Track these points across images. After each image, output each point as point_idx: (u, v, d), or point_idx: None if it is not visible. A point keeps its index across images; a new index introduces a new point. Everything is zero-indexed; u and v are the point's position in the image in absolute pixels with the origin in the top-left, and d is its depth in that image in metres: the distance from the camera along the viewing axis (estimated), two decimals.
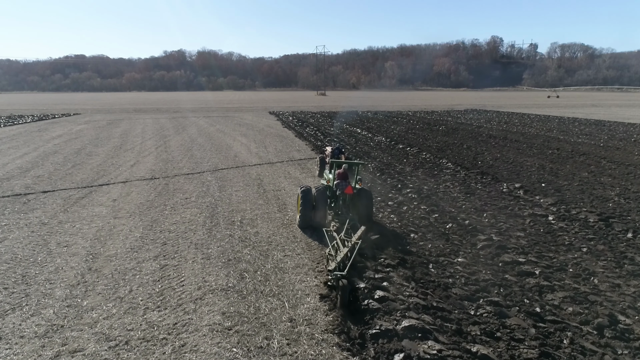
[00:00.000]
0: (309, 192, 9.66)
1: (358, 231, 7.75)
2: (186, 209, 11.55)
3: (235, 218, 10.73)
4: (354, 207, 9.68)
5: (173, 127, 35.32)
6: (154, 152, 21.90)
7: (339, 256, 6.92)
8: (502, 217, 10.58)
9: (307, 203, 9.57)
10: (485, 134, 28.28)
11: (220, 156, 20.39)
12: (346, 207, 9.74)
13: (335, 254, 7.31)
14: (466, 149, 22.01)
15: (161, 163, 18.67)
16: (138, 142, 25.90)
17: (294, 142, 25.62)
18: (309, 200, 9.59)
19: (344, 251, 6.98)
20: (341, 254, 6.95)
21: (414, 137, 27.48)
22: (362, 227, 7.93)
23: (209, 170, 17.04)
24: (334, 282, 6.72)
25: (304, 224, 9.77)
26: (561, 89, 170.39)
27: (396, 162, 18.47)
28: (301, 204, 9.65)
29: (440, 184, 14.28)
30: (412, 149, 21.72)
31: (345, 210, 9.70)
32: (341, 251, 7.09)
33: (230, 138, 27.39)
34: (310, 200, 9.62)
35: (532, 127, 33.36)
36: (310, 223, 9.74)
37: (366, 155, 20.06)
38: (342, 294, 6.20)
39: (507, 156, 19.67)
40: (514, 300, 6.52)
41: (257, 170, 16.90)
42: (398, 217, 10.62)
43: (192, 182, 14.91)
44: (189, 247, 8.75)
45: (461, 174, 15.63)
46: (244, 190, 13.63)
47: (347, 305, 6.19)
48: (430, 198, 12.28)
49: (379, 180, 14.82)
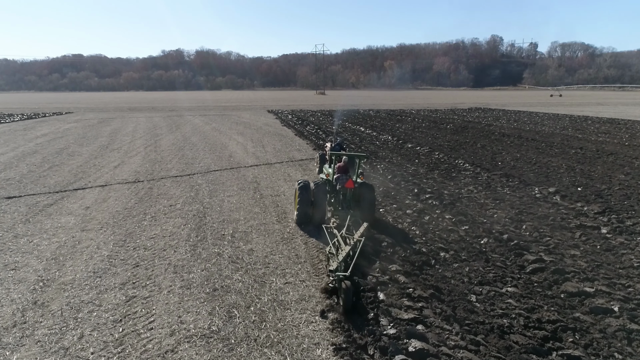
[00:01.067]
0: (307, 187, 9.07)
1: (360, 228, 7.52)
2: (169, 219, 9.80)
3: (226, 230, 8.98)
4: (356, 202, 9.19)
5: (167, 125, 33.55)
6: (142, 152, 20.14)
7: (341, 255, 6.41)
8: (545, 230, 8.84)
9: (305, 198, 9.01)
10: (497, 133, 26.56)
11: (213, 156, 18.64)
12: (347, 203, 9.24)
13: (336, 253, 6.68)
14: (481, 149, 20.29)
15: (148, 164, 16.92)
16: (127, 141, 24.13)
17: (294, 141, 23.88)
18: (307, 195, 9.02)
19: (345, 249, 6.55)
20: (343, 252, 6.48)
21: (422, 135, 25.75)
22: (365, 224, 7.76)
23: (200, 172, 15.29)
24: (335, 284, 6.10)
25: (302, 221, 9.21)
26: (564, 88, 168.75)
27: (407, 162, 16.73)
28: (299, 199, 9.07)
29: (462, 187, 12.55)
30: (423, 149, 19.99)
31: (346, 205, 9.20)
32: (343, 249, 6.62)
33: (226, 137, 25.63)
34: (309, 195, 9.04)
35: (544, 126, 31.65)
36: (308, 219, 9.16)
37: (374, 156, 18.31)
38: (345, 296, 5.61)
39: (528, 156, 17.95)
40: (599, 354, 4.79)
41: (253, 172, 15.16)
42: (421, 229, 8.88)
43: (179, 185, 13.17)
44: (166, 271, 7.01)
45: (483, 177, 13.90)
46: (238, 196, 11.88)
47: (350, 309, 5.62)
48: (454, 205, 10.55)
49: (392, 184, 13.08)
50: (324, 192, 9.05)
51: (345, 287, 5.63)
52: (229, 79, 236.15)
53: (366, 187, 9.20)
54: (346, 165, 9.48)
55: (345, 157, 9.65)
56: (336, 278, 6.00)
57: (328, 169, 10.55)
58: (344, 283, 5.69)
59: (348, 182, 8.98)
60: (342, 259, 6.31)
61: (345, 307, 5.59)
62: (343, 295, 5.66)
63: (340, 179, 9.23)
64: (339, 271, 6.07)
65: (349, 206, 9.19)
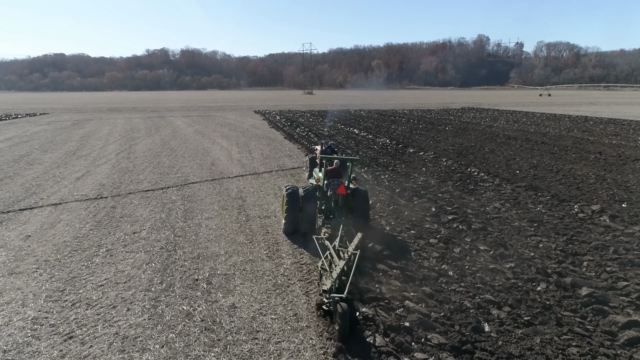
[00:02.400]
0: (296, 193, 8.33)
1: (355, 239, 7.10)
2: (129, 254, 7.65)
3: (201, 272, 6.87)
4: (348, 209, 8.60)
5: (145, 127, 31.15)
6: (112, 159, 17.84)
7: (335, 272, 5.71)
8: (614, 268, 6.88)
9: (294, 205, 8.29)
10: (501, 135, 24.76)
11: (193, 164, 16.44)
12: (339, 210, 8.58)
13: (329, 268, 5.98)
14: (490, 153, 18.43)
15: (117, 174, 14.67)
16: (98, 146, 21.77)
17: (284, 145, 21.77)
18: (296, 202, 8.29)
19: (340, 264, 5.91)
20: (337, 268, 5.82)
21: (421, 138, 23.83)
22: (359, 234, 7.32)
23: (176, 184, 13.12)
24: (330, 307, 5.39)
25: (291, 230, 8.54)
26: (553, 87, 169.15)
27: (414, 171, 14.75)
28: (287, 207, 8.32)
29: (486, 204, 10.59)
30: (427, 154, 18.04)
31: (338, 213, 8.54)
32: (337, 264, 5.97)
33: (209, 141, 23.40)
34: (297, 202, 8.31)
35: (547, 127, 30.01)
36: (297, 229, 8.51)
37: (374, 162, 16.30)
38: (341, 322, 4.96)
39: (545, 162, 16.11)
40: None
41: (238, 185, 13.04)
42: (454, 269, 6.86)
43: (149, 203, 10.99)
44: (110, 349, 4.87)
45: (506, 189, 11.98)
46: (219, 218, 9.75)
47: (348, 336, 4.96)
48: (486, 230, 8.57)
49: (403, 200, 11.06)
50: (314, 198, 8.32)
51: (341, 311, 4.95)
52: (215, 78, 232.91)
53: (359, 193, 8.55)
54: (338, 169, 8.82)
55: (337, 160, 8.94)
56: (331, 300, 5.25)
57: (318, 173, 9.71)
58: (340, 306, 5.01)
59: (340, 188, 8.27)
60: (337, 276, 5.56)
61: (343, 333, 4.96)
62: (339, 320, 5.00)
63: (331, 184, 8.56)
64: (334, 292, 5.32)
65: (341, 214, 8.49)
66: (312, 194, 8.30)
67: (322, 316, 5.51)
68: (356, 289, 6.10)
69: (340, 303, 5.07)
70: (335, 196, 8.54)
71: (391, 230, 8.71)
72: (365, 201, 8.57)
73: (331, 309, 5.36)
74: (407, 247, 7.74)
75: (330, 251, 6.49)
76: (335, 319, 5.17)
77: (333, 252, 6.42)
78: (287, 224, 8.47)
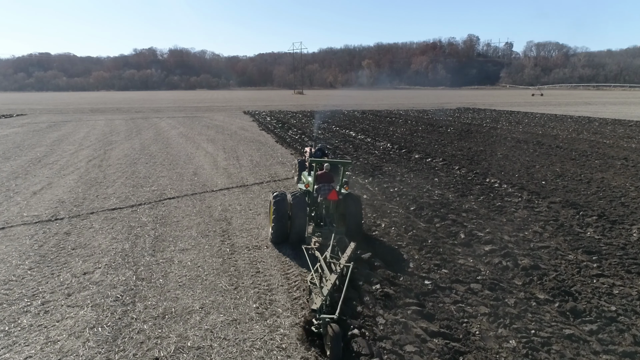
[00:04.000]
0: (284, 200, 7.80)
1: (347, 249, 6.68)
2: (70, 310, 5.66)
3: (164, 345, 4.90)
4: (340, 216, 8.11)
5: (126, 130, 28.96)
6: (82, 167, 15.74)
7: (326, 288, 5.16)
8: None
9: (282, 213, 7.79)
10: (509, 138, 23.02)
11: (173, 174, 14.42)
12: (330, 217, 8.13)
13: (320, 283, 5.36)
14: (504, 159, 16.66)
15: (82, 187, 12.61)
16: (70, 151, 19.61)
17: (275, 150, 19.81)
18: (284, 209, 7.79)
19: (331, 279, 5.40)
20: (328, 283, 5.29)
21: (424, 142, 22.01)
22: (352, 244, 6.93)
23: (149, 200, 11.10)
24: (320, 329, 4.70)
25: (278, 239, 7.98)
26: (545, 87, 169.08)
27: (425, 182, 12.89)
28: (274, 214, 7.82)
29: (523, 227, 8.73)
30: (436, 161, 16.20)
31: (329, 221, 8.08)
32: (328, 279, 5.43)
33: (193, 145, 21.34)
34: (285, 209, 7.81)
35: (553, 128, 28.40)
36: (285, 238, 7.97)
37: (378, 171, 14.43)
38: (333, 345, 4.38)
39: (570, 171, 14.37)
40: None
41: (223, 201, 11.07)
42: (517, 337, 4.96)
43: (113, 228, 8.97)
44: None
45: (540, 207, 10.15)
46: (197, 250, 7.77)
47: None
48: (539, 269, 6.67)
49: (422, 222, 9.17)
50: (303, 205, 7.79)
51: (333, 333, 4.40)
52: (203, 78, 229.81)
53: (352, 198, 8.05)
54: (329, 173, 8.29)
55: (327, 164, 8.35)
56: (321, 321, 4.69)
57: (308, 177, 9.11)
58: (331, 327, 4.47)
59: (331, 194, 7.85)
60: (328, 293, 5.13)
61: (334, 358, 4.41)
62: (330, 344, 4.43)
63: (321, 189, 8.08)
64: (324, 312, 4.84)
65: (332, 221, 8.04)
66: (301, 201, 7.73)
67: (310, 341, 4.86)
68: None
69: (331, 324, 4.57)
70: (326, 202, 8.04)
71: (416, 268, 6.81)
72: (358, 207, 8.02)
73: (321, 331, 4.76)
74: (444, 299, 5.83)
75: (321, 263, 5.97)
76: (326, 342, 4.62)
77: (324, 265, 5.91)
78: (274, 233, 7.89)
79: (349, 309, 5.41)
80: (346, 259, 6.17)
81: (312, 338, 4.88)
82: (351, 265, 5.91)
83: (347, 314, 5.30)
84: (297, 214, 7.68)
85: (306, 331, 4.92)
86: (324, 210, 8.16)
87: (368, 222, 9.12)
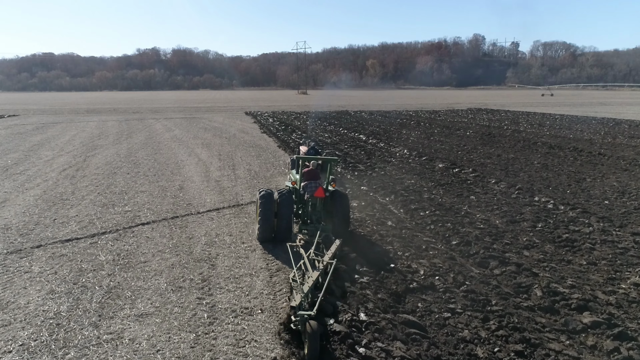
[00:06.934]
0: (270, 197, 7.64)
1: (332, 246, 6.60)
2: None
3: None
4: (327, 213, 8.05)
5: (117, 133, 26.66)
6: (52, 178, 13.44)
7: (307, 285, 5.00)
8: None
9: (268, 211, 7.59)
10: (539, 143, 20.54)
11: (155, 188, 12.10)
12: (316, 215, 7.96)
13: (301, 281, 5.16)
14: (544, 170, 14.26)
15: (40, 207, 10.29)
16: (46, 158, 17.32)
17: (277, 156, 17.47)
18: (270, 207, 7.60)
19: (313, 276, 5.24)
20: (309, 280, 5.13)
21: (444, 147, 19.61)
22: (337, 241, 6.88)
23: (116, 227, 8.76)
24: (299, 326, 4.59)
25: (265, 238, 7.76)
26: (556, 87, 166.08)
27: (461, 202, 10.49)
28: (260, 212, 7.65)
29: (617, 278, 6.31)
30: (465, 172, 13.81)
31: (316, 218, 7.92)
32: (310, 276, 5.27)
33: (185, 151, 19.02)
34: (272, 207, 7.61)
35: (581, 131, 25.92)
36: (272, 236, 7.76)
37: (399, 185, 12.05)
38: (310, 342, 4.32)
39: (631, 185, 11.97)
40: None
41: (209, 228, 8.72)
42: None
43: (56, 273, 6.61)
44: None
45: (623, 240, 7.72)
46: (160, 316, 5.38)
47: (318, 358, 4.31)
48: None
49: (474, 267, 6.75)
50: (290, 202, 7.69)
51: (311, 330, 4.30)
52: (207, 78, 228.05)
53: (339, 195, 8.01)
54: (316, 170, 8.33)
55: (314, 161, 8.47)
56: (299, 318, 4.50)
57: (295, 175, 9.10)
58: (309, 324, 4.34)
59: (318, 191, 7.81)
60: (308, 291, 4.88)
61: (312, 355, 4.29)
62: (308, 340, 4.34)
63: (308, 186, 8.04)
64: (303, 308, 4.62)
65: (319, 219, 7.91)
66: (288, 198, 7.67)
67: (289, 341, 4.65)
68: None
69: (309, 321, 4.41)
70: (313, 199, 7.99)
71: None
72: (345, 204, 7.97)
73: (299, 328, 4.58)
74: None
75: (305, 261, 5.79)
76: (304, 339, 4.50)
77: (307, 262, 5.74)
78: (261, 231, 7.75)
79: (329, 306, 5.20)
80: (330, 256, 6.04)
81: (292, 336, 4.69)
82: (334, 262, 5.83)
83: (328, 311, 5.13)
84: (284, 211, 7.58)
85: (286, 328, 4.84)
86: (310, 207, 8.01)
87: (401, 263, 6.76)
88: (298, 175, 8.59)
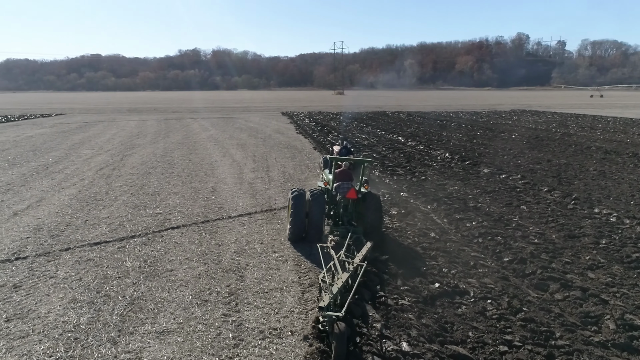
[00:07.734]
0: (302, 197, 7.58)
1: (363, 248, 6.39)
2: None
3: None
4: (359, 216, 7.91)
5: (155, 132, 26.98)
6: (88, 178, 13.49)
7: (336, 286, 4.90)
8: None
9: (300, 211, 7.57)
10: (593, 147, 19.12)
11: (187, 190, 11.86)
12: (348, 216, 7.83)
13: (331, 282, 5.10)
14: (601, 177, 13.08)
15: (74, 207, 10.21)
16: (85, 156, 17.55)
17: (312, 158, 17.00)
18: (302, 207, 7.56)
19: (342, 277, 5.14)
20: (339, 281, 5.03)
21: (488, 151, 18.55)
22: (368, 243, 6.58)
23: (145, 231, 8.49)
24: (327, 326, 4.58)
25: (296, 237, 7.76)
26: (607, 87, 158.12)
27: (511, 212, 9.62)
28: (292, 212, 7.61)
29: None
30: (513, 178, 12.85)
31: (347, 219, 7.78)
32: (339, 277, 5.18)
33: (220, 151, 18.85)
34: (303, 206, 7.57)
35: (639, 135, 24.07)
36: (302, 236, 7.76)
37: (442, 192, 11.28)
38: (337, 344, 4.19)
39: None
40: None
41: (240, 235, 8.30)
42: None
43: (80, 279, 6.34)
44: None
45: None
46: (182, 334, 4.93)
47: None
48: None
49: (532, 290, 5.97)
50: (321, 202, 7.55)
51: (338, 332, 4.21)
52: (245, 78, 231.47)
53: (371, 197, 7.74)
54: (348, 171, 8.21)
55: (347, 162, 8.39)
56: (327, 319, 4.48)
57: (328, 175, 8.93)
58: (337, 325, 4.24)
59: (350, 192, 7.66)
60: (337, 292, 4.78)
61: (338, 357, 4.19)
62: (334, 342, 4.22)
63: (340, 187, 7.91)
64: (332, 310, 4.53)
65: (350, 220, 7.76)
66: (320, 198, 7.57)
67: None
68: None
69: (337, 323, 4.30)
70: (345, 201, 7.88)
71: None
72: (378, 207, 7.82)
73: (327, 329, 4.56)
74: None
75: (335, 262, 5.68)
76: (331, 340, 4.38)
77: (337, 263, 5.63)
78: (292, 230, 7.72)
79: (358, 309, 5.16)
80: (360, 258, 5.98)
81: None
82: (364, 265, 5.76)
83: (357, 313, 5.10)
84: (315, 212, 7.51)
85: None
86: (342, 208, 7.92)
87: (447, 283, 6.08)
88: (330, 175, 8.49)
